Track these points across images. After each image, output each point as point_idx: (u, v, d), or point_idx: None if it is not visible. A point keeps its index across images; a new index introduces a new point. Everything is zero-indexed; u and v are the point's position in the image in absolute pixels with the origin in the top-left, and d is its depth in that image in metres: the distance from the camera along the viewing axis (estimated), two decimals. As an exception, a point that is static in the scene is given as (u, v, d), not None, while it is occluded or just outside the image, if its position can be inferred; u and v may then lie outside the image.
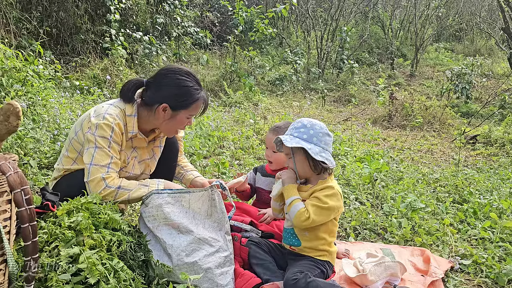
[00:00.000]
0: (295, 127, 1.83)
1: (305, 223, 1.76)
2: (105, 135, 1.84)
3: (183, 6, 8.77)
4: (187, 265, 1.70)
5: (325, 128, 1.84)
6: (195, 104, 1.97)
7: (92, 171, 1.81)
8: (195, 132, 4.32)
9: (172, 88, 1.93)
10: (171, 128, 2.02)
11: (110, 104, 1.94)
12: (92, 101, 5.06)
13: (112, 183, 1.82)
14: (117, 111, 1.91)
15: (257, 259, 1.86)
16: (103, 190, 1.79)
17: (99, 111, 1.90)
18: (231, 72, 8.26)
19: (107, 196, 1.80)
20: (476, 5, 14.76)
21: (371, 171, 3.30)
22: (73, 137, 1.97)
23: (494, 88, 9.53)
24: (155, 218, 1.79)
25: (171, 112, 1.95)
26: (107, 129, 1.85)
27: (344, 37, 10.49)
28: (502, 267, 2.06)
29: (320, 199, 1.78)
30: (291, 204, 1.80)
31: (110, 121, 1.86)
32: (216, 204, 1.86)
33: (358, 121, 7.15)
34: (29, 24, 6.00)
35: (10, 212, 1.31)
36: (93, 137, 1.84)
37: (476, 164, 4.74)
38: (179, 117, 1.97)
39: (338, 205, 1.80)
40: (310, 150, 1.75)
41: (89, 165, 1.82)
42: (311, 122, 1.83)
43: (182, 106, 1.95)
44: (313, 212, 1.76)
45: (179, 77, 1.95)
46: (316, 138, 1.79)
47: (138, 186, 1.85)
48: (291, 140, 1.78)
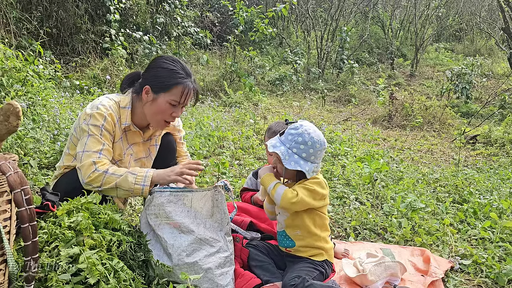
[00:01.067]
0: (294, 140, 1.78)
1: (294, 200, 1.74)
2: (97, 123, 1.86)
3: (183, 6, 8.78)
4: (188, 265, 1.70)
5: (324, 143, 1.82)
6: (175, 88, 1.91)
7: (84, 157, 1.82)
8: (195, 132, 4.32)
9: (156, 70, 1.95)
10: (154, 115, 1.96)
11: (106, 97, 1.97)
12: (92, 101, 5.06)
13: (102, 167, 1.81)
14: (111, 103, 1.94)
15: (256, 261, 1.87)
16: (92, 173, 1.78)
17: (94, 103, 1.94)
18: (231, 72, 8.26)
19: (95, 181, 1.78)
20: (476, 5, 14.77)
21: (371, 171, 3.30)
22: (72, 133, 1.99)
23: (494, 88, 9.53)
24: (157, 216, 1.79)
25: (153, 95, 1.93)
26: (99, 118, 1.87)
27: (344, 37, 10.50)
28: (502, 267, 2.06)
29: (306, 184, 1.80)
30: (275, 188, 1.79)
31: (103, 110, 1.88)
32: (219, 205, 1.86)
33: (358, 121, 7.15)
34: (29, 24, 6.00)
35: (10, 212, 1.31)
36: (87, 126, 1.86)
37: (476, 164, 4.74)
38: (159, 100, 1.91)
39: (322, 191, 1.81)
40: (307, 172, 1.77)
41: (81, 152, 1.83)
42: (312, 139, 1.78)
43: (162, 88, 1.91)
44: (300, 190, 1.77)
45: (164, 61, 1.96)
46: (314, 157, 1.79)
47: (126, 173, 1.81)
48: (289, 159, 1.76)
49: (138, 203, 2.72)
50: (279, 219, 1.91)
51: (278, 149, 1.79)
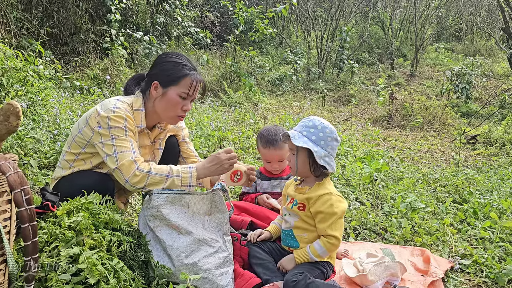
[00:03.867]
0: (305, 125, 1.81)
1: (337, 243, 1.77)
2: (119, 125, 1.82)
3: (183, 6, 8.78)
4: (187, 266, 1.70)
5: (335, 133, 1.82)
6: (184, 80, 1.92)
7: (119, 157, 1.78)
8: (195, 132, 4.32)
9: (162, 65, 1.95)
10: (166, 110, 1.95)
11: (117, 99, 1.93)
12: (92, 101, 5.06)
13: (143, 166, 1.79)
14: (125, 105, 1.90)
15: (257, 259, 1.86)
16: (135, 173, 1.76)
17: (106, 105, 1.88)
18: (231, 72, 8.26)
19: (140, 182, 1.76)
20: (476, 5, 14.77)
21: (371, 171, 3.30)
22: (76, 135, 1.94)
23: (494, 88, 9.53)
24: (155, 218, 1.79)
25: (162, 89, 1.93)
26: (119, 120, 1.83)
27: (344, 37, 10.49)
28: (502, 267, 2.05)
29: (327, 213, 1.76)
30: (313, 250, 1.79)
31: (121, 112, 1.85)
32: (218, 205, 1.86)
33: (358, 121, 7.15)
34: (29, 24, 6.00)
35: (10, 212, 1.31)
36: (107, 130, 1.81)
37: (476, 164, 4.74)
38: (169, 94, 1.92)
39: (343, 207, 1.80)
40: (316, 153, 1.74)
41: (114, 154, 1.79)
42: (322, 124, 1.81)
43: (171, 81, 1.92)
44: (333, 230, 1.75)
45: (169, 55, 1.98)
46: (324, 142, 1.78)
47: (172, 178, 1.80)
48: (299, 138, 1.77)
49: (138, 203, 2.72)
50: (288, 218, 1.90)
51: (290, 132, 1.81)
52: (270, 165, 2.35)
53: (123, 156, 1.78)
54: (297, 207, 1.84)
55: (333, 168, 1.80)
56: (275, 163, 2.33)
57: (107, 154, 1.81)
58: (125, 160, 1.77)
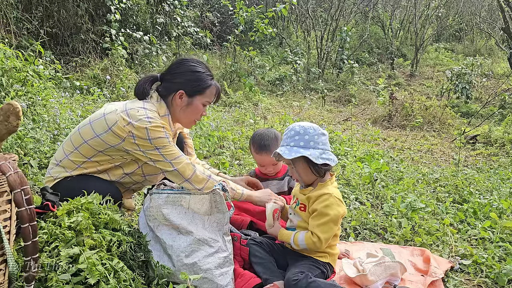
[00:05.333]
0: (289, 136, 1.82)
1: (318, 245, 1.77)
2: (161, 135, 1.86)
3: (183, 6, 8.77)
4: (187, 266, 1.70)
5: (318, 129, 1.83)
6: (209, 90, 2.02)
7: (175, 162, 1.87)
8: (195, 132, 4.32)
9: (187, 74, 1.99)
10: (189, 117, 2.05)
11: (143, 108, 1.89)
12: (92, 101, 5.06)
13: (200, 168, 1.95)
14: (155, 114, 1.90)
15: (257, 257, 1.86)
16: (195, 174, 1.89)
17: (136, 116, 1.83)
18: (231, 72, 8.26)
19: (200, 182, 1.91)
20: (476, 5, 14.76)
21: (371, 171, 3.30)
22: (92, 138, 1.88)
23: (494, 88, 9.53)
24: (156, 217, 1.79)
25: (187, 99, 2.00)
26: (159, 129, 1.86)
27: (344, 37, 10.49)
28: (502, 267, 2.05)
29: (320, 212, 1.77)
30: (295, 241, 1.82)
31: (158, 122, 1.87)
32: (218, 205, 1.86)
33: (358, 121, 7.15)
34: (29, 24, 6.00)
35: (10, 212, 1.31)
36: (148, 142, 1.83)
37: (476, 164, 4.74)
38: (195, 103, 2.01)
39: (338, 211, 1.79)
40: (311, 156, 1.75)
41: (168, 161, 1.86)
42: (302, 127, 1.82)
43: (197, 91, 2.00)
44: (320, 231, 1.76)
45: (192, 63, 2.03)
46: (313, 142, 1.79)
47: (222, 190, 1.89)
48: (289, 151, 1.78)
49: (138, 203, 2.72)
50: (292, 217, 1.92)
51: (278, 150, 1.83)
52: (265, 168, 2.37)
53: (179, 160, 1.88)
54: (299, 208, 1.85)
55: (334, 160, 1.81)
56: (269, 167, 2.35)
57: (156, 160, 1.87)
58: (184, 163, 1.88)
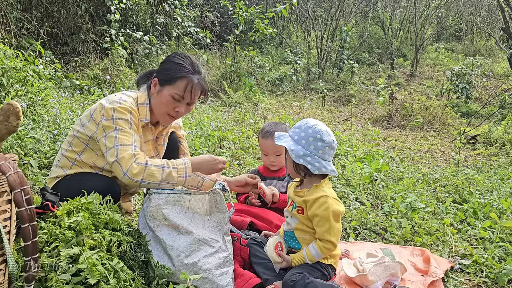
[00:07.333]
0: (295, 126, 1.82)
1: (333, 248, 1.76)
2: (124, 117, 1.84)
3: (183, 6, 8.77)
4: (187, 266, 1.70)
5: (321, 133, 1.74)
6: (180, 81, 1.92)
7: (120, 150, 1.79)
8: (195, 132, 4.32)
9: (166, 63, 1.99)
10: (159, 108, 1.97)
11: (123, 93, 1.96)
12: (92, 101, 5.06)
13: (140, 160, 1.79)
14: (130, 99, 1.93)
15: (257, 258, 1.86)
16: (132, 165, 1.76)
17: (112, 98, 1.90)
18: (231, 72, 8.26)
19: (137, 174, 1.76)
20: (476, 5, 14.76)
21: (371, 171, 3.30)
22: (78, 130, 1.95)
23: (494, 88, 9.53)
24: (156, 217, 1.79)
25: (159, 87, 1.96)
26: (125, 111, 1.85)
27: (344, 37, 10.49)
28: (502, 267, 2.05)
29: (323, 216, 1.74)
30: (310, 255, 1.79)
31: (126, 105, 1.87)
32: (218, 205, 1.86)
33: (358, 121, 7.15)
34: (29, 24, 6.00)
35: (10, 212, 1.31)
36: (111, 122, 1.82)
37: (476, 164, 4.74)
38: (163, 92, 1.93)
39: (338, 210, 1.77)
40: (292, 152, 1.71)
41: (115, 147, 1.80)
42: (307, 124, 1.77)
43: (167, 81, 1.93)
44: (330, 235, 1.74)
45: (175, 56, 2.01)
46: (305, 141, 1.73)
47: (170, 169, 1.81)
48: (282, 138, 1.78)
49: (138, 203, 2.72)
50: (289, 220, 1.89)
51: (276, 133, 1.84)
52: (267, 158, 2.34)
53: (124, 149, 1.79)
54: (296, 210, 1.84)
55: (319, 169, 1.71)
56: (272, 156, 2.32)
57: (108, 148, 1.81)
58: (125, 153, 1.78)
